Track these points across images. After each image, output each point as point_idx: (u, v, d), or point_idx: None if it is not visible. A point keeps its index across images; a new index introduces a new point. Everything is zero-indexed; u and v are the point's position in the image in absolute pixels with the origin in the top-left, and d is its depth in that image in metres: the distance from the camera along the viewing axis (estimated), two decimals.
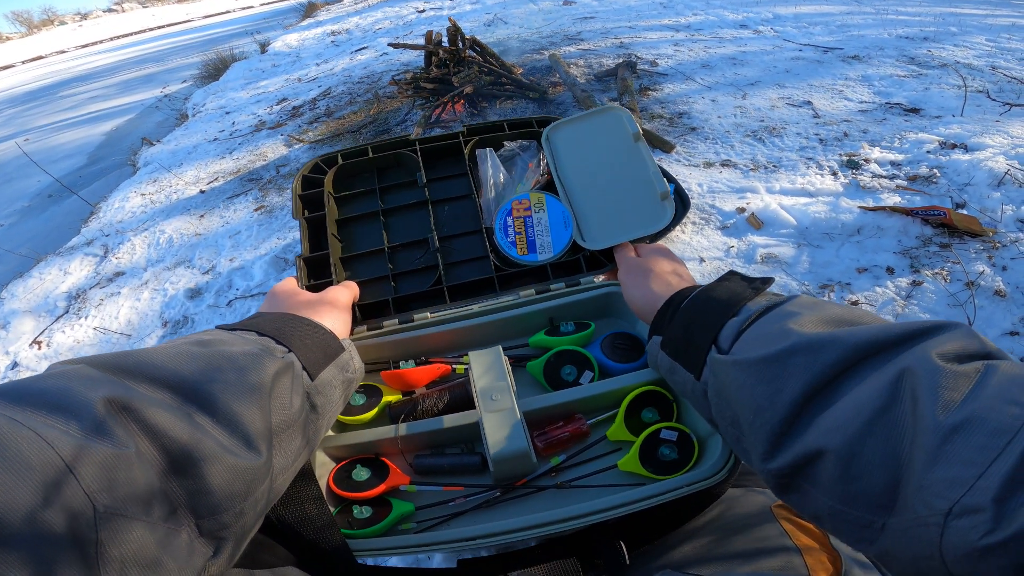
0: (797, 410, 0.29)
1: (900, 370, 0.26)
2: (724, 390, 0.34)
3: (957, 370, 0.25)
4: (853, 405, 0.27)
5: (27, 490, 0.21)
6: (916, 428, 0.24)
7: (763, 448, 0.31)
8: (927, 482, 0.23)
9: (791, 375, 0.30)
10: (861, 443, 0.26)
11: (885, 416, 0.26)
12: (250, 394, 0.33)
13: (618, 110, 0.59)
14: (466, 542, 0.39)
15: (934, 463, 0.23)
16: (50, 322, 1.69)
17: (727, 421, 0.35)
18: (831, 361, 0.29)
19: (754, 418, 0.31)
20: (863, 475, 0.26)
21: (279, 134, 2.63)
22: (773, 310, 0.35)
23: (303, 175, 0.64)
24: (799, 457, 0.29)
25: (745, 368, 0.32)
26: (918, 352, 0.27)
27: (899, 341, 0.28)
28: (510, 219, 0.59)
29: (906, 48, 2.42)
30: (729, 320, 0.36)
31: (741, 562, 0.40)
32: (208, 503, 0.28)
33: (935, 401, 0.24)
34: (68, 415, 0.25)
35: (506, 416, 0.44)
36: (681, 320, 0.40)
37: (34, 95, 6.43)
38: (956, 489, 0.22)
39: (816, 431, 0.28)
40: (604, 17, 3.43)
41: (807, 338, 0.30)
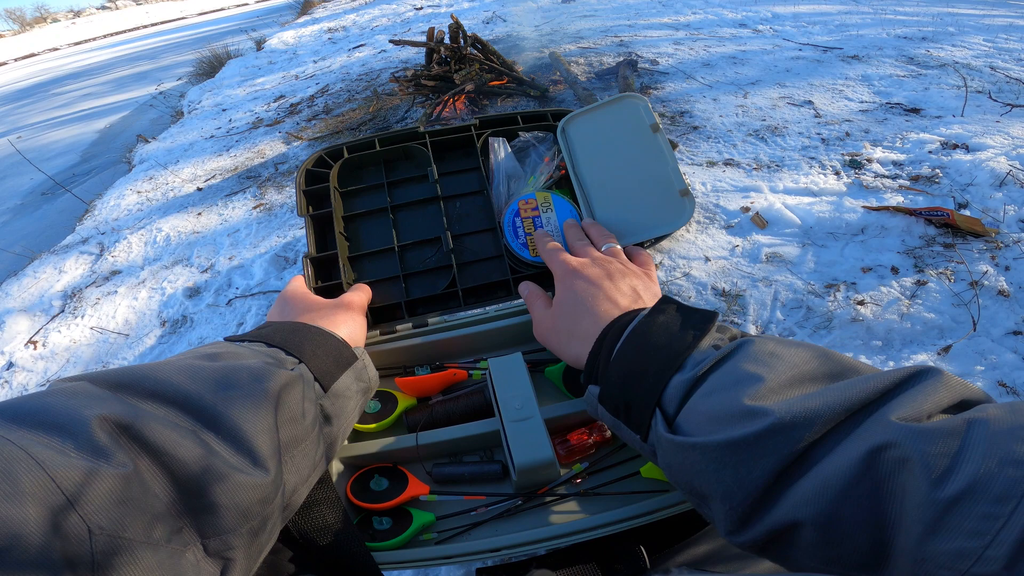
0: (769, 489, 0.27)
1: (875, 444, 0.25)
2: (675, 467, 0.31)
3: (932, 429, 0.24)
4: (827, 476, 0.26)
5: (16, 513, 0.20)
6: (906, 498, 0.23)
7: (729, 525, 0.29)
8: (929, 554, 0.22)
9: (762, 458, 0.27)
10: (838, 512, 0.25)
11: (862, 484, 0.25)
12: (257, 409, 0.32)
13: (635, 98, 0.57)
14: (491, 553, 0.38)
15: (933, 535, 0.22)
16: (45, 321, 1.66)
17: (684, 489, 0.32)
18: (803, 438, 0.27)
19: (719, 500, 0.29)
20: (843, 541, 0.25)
21: (277, 131, 2.60)
22: (723, 365, 0.31)
23: (307, 169, 0.61)
24: (771, 531, 0.27)
25: (705, 452, 0.29)
26: (882, 419, 0.25)
27: (870, 402, 0.27)
28: (519, 220, 0.57)
29: (905, 48, 2.43)
30: (672, 377, 0.32)
31: (750, 560, 0.40)
32: (214, 523, 0.27)
33: (925, 470, 0.23)
34: (63, 434, 0.24)
35: (530, 425, 0.43)
36: (617, 373, 0.35)
37: (26, 92, 6.35)
38: (963, 562, 0.21)
39: (788, 504, 0.27)
40: (603, 15, 3.42)
41: (779, 419, 0.27)
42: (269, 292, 1.54)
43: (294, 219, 1.84)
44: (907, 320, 1.15)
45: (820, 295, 1.24)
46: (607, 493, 0.45)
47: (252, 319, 1.47)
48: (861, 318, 1.16)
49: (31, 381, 1.47)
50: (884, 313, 1.17)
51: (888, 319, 1.16)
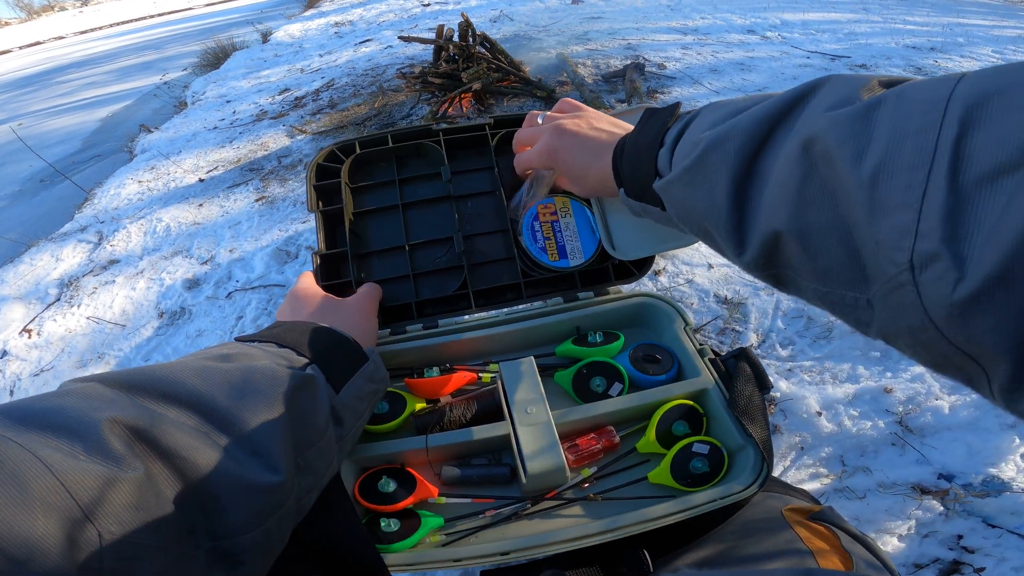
0: (736, 200, 0.30)
1: (803, 137, 0.26)
2: (679, 208, 0.36)
3: (849, 113, 0.24)
4: (779, 181, 0.27)
5: (23, 515, 0.20)
6: (843, 187, 0.23)
7: (732, 244, 0.31)
8: (878, 237, 0.21)
9: (713, 172, 0.31)
10: (803, 215, 0.26)
11: (810, 185, 0.25)
12: (271, 411, 0.31)
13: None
14: (500, 556, 0.38)
15: (873, 215, 0.21)
16: (41, 309, 1.65)
17: (700, 232, 0.36)
18: (738, 146, 0.29)
19: (709, 221, 0.33)
20: (823, 248, 0.25)
21: (281, 124, 2.59)
22: (688, 127, 0.36)
23: (318, 163, 0.60)
24: (762, 242, 0.29)
25: (678, 183, 0.34)
26: (811, 112, 0.26)
27: (793, 105, 0.28)
28: (537, 224, 0.57)
29: (913, 58, 2.43)
30: (659, 152, 0.38)
31: (756, 563, 0.40)
32: (225, 525, 0.27)
33: (845, 155, 0.23)
34: (72, 436, 0.23)
35: (541, 430, 0.42)
36: (627, 170, 0.42)
37: (30, 80, 6.32)
38: (905, 237, 0.20)
39: (763, 214, 0.28)
40: (611, 17, 3.42)
41: (711, 136, 0.31)
42: (270, 286, 1.53)
43: (296, 213, 1.83)
44: None
45: None
46: (615, 498, 0.45)
47: (252, 312, 1.46)
48: None
49: (25, 370, 1.46)
50: None
51: None
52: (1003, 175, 0.17)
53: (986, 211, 0.18)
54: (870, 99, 0.24)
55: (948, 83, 0.21)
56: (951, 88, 0.21)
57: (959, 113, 0.19)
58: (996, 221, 0.17)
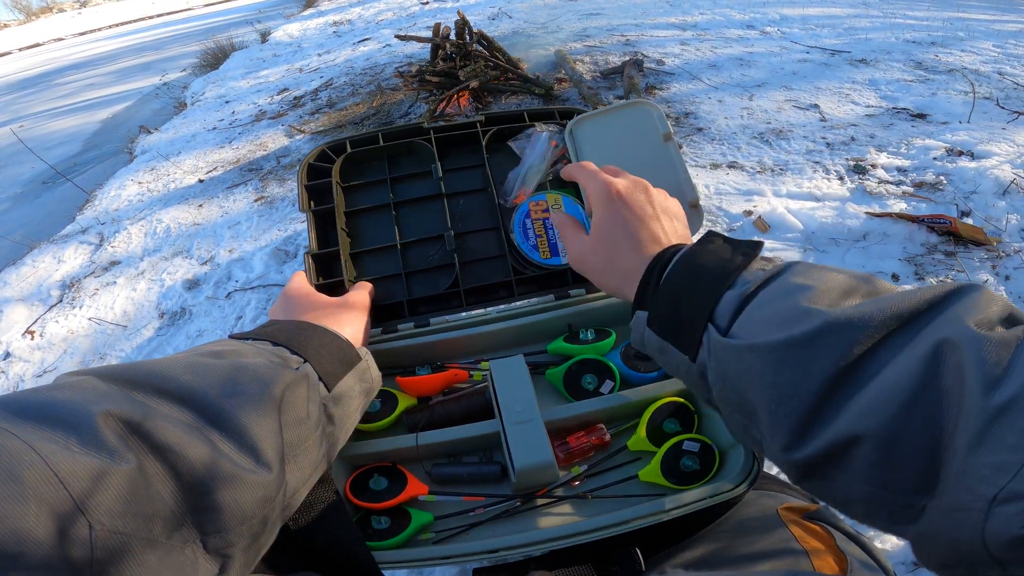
0: (826, 395, 0.27)
1: (937, 342, 0.24)
2: (729, 375, 0.31)
3: (996, 338, 0.23)
4: (889, 383, 0.25)
5: (17, 506, 0.20)
6: (961, 407, 0.23)
7: (786, 439, 0.28)
8: (971, 466, 0.21)
9: (818, 358, 0.27)
10: (902, 425, 0.24)
11: (925, 393, 0.24)
12: (262, 408, 0.32)
13: (648, 105, 0.56)
14: (490, 554, 0.38)
15: (979, 447, 0.21)
16: (43, 311, 1.66)
17: (733, 406, 0.32)
18: (861, 339, 0.26)
19: (776, 408, 0.28)
20: (904, 458, 0.24)
21: (280, 124, 2.60)
22: (775, 280, 0.32)
23: (309, 163, 0.60)
24: (831, 445, 0.26)
25: (762, 354, 0.29)
26: (952, 320, 0.25)
27: (927, 308, 0.26)
28: (529, 221, 0.57)
29: (913, 52, 2.42)
30: (725, 293, 0.33)
31: (749, 563, 0.40)
32: (215, 520, 0.27)
33: (981, 377, 0.22)
34: (67, 428, 0.24)
35: (530, 427, 0.43)
36: (668, 293, 0.35)
37: (30, 82, 6.34)
38: (1002, 476, 0.20)
39: (848, 416, 0.26)
40: (610, 13, 3.41)
41: (835, 316, 0.27)
42: (269, 286, 1.54)
43: (295, 213, 1.83)
44: None
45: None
46: (605, 496, 0.45)
47: (251, 312, 1.47)
48: None
49: (28, 372, 1.47)
50: None
51: None
52: None
53: None
54: (1017, 332, 0.23)
55: None
56: None
57: None
58: None
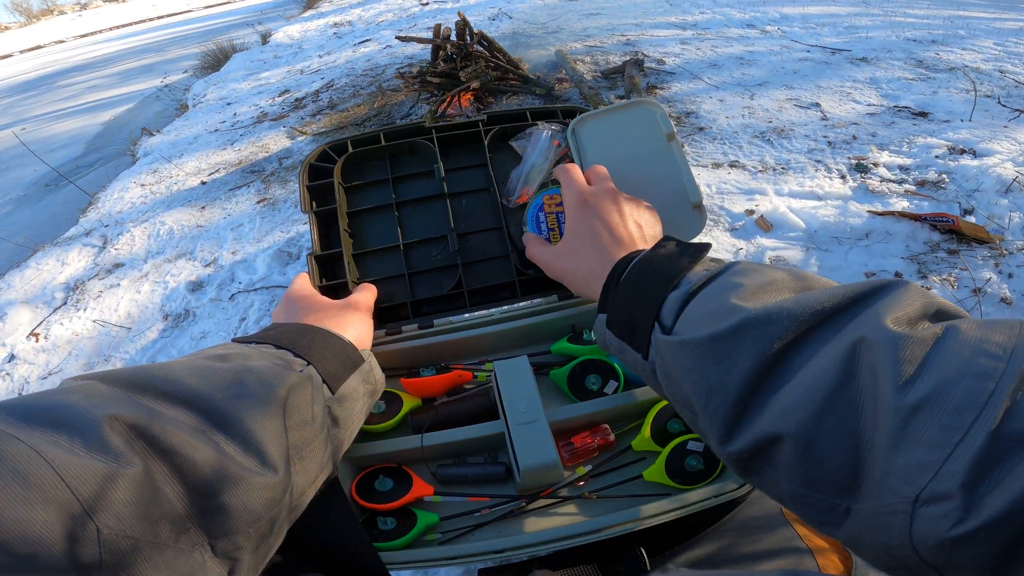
0: (750, 390, 0.28)
1: (854, 341, 0.25)
2: (672, 371, 0.32)
3: (914, 336, 0.23)
4: (808, 382, 0.25)
5: (25, 510, 0.20)
6: (877, 407, 0.23)
7: (719, 431, 0.29)
8: (892, 467, 0.21)
9: (740, 353, 0.28)
10: (819, 424, 0.25)
11: (842, 393, 0.24)
12: (267, 410, 0.32)
13: (651, 105, 0.56)
14: (495, 554, 0.38)
15: (897, 446, 0.21)
16: (48, 313, 1.67)
17: (679, 402, 0.33)
18: (780, 333, 0.27)
19: (707, 401, 0.30)
20: (823, 458, 0.25)
21: (281, 126, 2.60)
22: (714, 281, 0.33)
23: (310, 163, 0.60)
24: (757, 441, 0.27)
25: (691, 349, 0.30)
26: (871, 318, 0.25)
27: (848, 305, 0.27)
28: (542, 215, 0.57)
29: (914, 51, 2.42)
30: (669, 294, 0.34)
31: (753, 562, 0.41)
32: (222, 523, 0.27)
33: (895, 376, 0.22)
34: (72, 433, 0.24)
35: (535, 428, 0.43)
36: (623, 295, 0.37)
37: (31, 84, 6.36)
38: (922, 475, 0.20)
39: (772, 413, 0.27)
40: (610, 13, 3.41)
41: (754, 312, 0.28)
42: (272, 287, 1.54)
43: (297, 214, 1.83)
44: None
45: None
46: (610, 496, 0.45)
47: (254, 314, 1.47)
48: None
49: (33, 374, 1.48)
50: None
51: None
52: None
53: (1018, 467, 0.19)
54: (936, 330, 0.24)
55: (1012, 331, 0.22)
56: (1017, 337, 0.22)
57: (1022, 366, 0.20)
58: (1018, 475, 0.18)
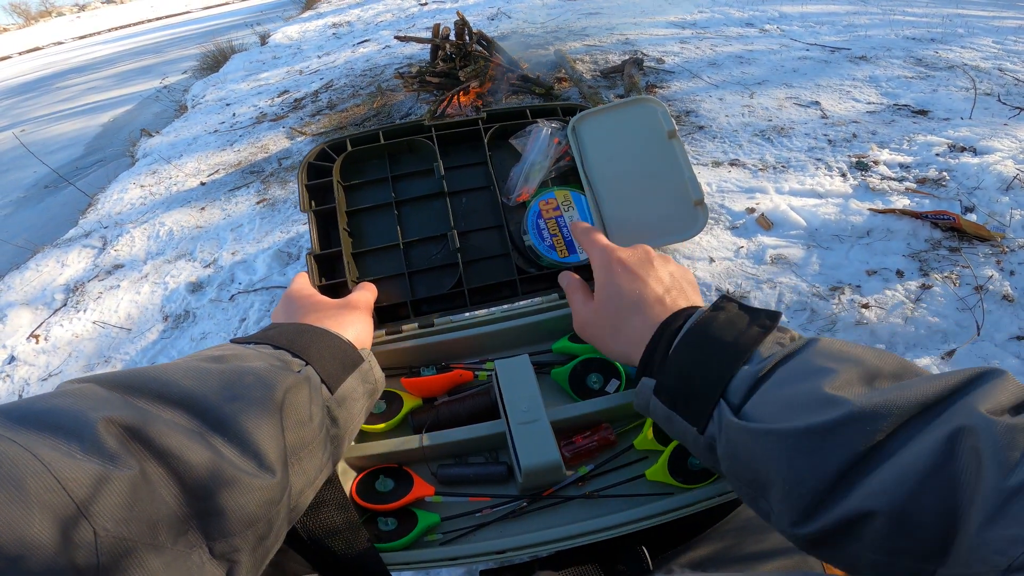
0: (842, 478, 0.27)
1: (954, 429, 0.25)
2: (741, 454, 0.31)
3: (1013, 424, 0.24)
4: (906, 463, 0.26)
5: (21, 513, 0.20)
6: (976, 488, 0.24)
7: (794, 516, 0.29)
8: (986, 540, 0.22)
9: (838, 447, 0.27)
10: (915, 501, 0.25)
11: (941, 473, 0.25)
12: (264, 411, 0.32)
13: (652, 102, 0.56)
14: (497, 555, 0.38)
15: (994, 523, 0.23)
16: (48, 315, 1.67)
17: (743, 482, 0.32)
18: (881, 429, 0.27)
19: (790, 489, 0.29)
20: (916, 531, 0.25)
21: (281, 126, 2.60)
22: (793, 359, 0.31)
23: (309, 162, 0.60)
24: (840, 522, 0.27)
25: (780, 438, 0.29)
26: (968, 408, 0.26)
27: (945, 396, 0.27)
28: (542, 221, 0.56)
29: (913, 49, 2.41)
30: (740, 369, 0.32)
31: (756, 562, 0.40)
32: (220, 525, 0.27)
33: (997, 461, 0.23)
34: (69, 436, 0.24)
35: (536, 427, 0.43)
36: (678, 363, 0.35)
37: (30, 86, 6.36)
38: (1017, 547, 0.21)
39: (861, 494, 0.27)
40: (609, 12, 3.41)
41: (859, 407, 0.27)
42: (272, 288, 1.54)
43: (297, 215, 1.83)
44: (911, 324, 1.15)
45: (824, 298, 1.23)
46: (612, 496, 0.45)
47: (254, 315, 1.47)
48: (865, 321, 1.16)
49: (33, 375, 1.47)
50: (888, 317, 1.17)
51: (892, 323, 1.15)
52: None
53: None
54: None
55: None
56: None
57: None
58: None
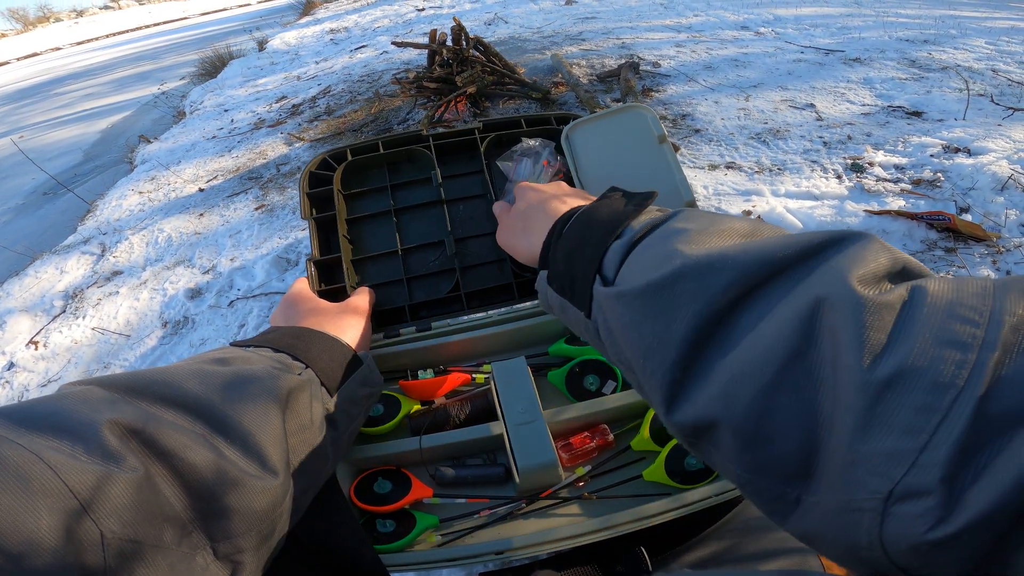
0: (691, 351, 0.24)
1: (813, 300, 0.21)
2: (613, 330, 0.29)
3: (880, 300, 0.20)
4: (759, 349, 0.22)
5: (29, 516, 0.20)
6: (838, 381, 0.20)
7: (660, 397, 0.26)
8: (860, 455, 0.18)
9: (679, 308, 0.24)
10: (769, 399, 0.21)
11: (799, 363, 0.21)
12: (266, 414, 0.32)
13: (642, 109, 0.57)
14: (495, 555, 0.39)
15: (866, 430, 0.18)
16: (47, 322, 1.67)
17: (623, 365, 0.30)
18: (724, 285, 0.23)
19: (644, 362, 0.26)
20: (773, 438, 0.21)
21: (279, 132, 2.61)
22: (659, 228, 0.30)
23: (310, 171, 0.61)
24: (698, 419, 0.24)
25: (629, 301, 0.27)
26: (831, 273, 0.21)
27: (803, 256, 0.23)
28: None
29: (907, 51, 2.43)
30: (612, 243, 0.31)
31: (756, 562, 0.40)
32: (223, 526, 0.28)
33: (860, 346, 0.19)
34: (74, 438, 0.24)
35: (533, 429, 0.43)
36: (564, 248, 0.35)
37: (28, 92, 6.37)
38: (895, 466, 0.17)
39: (716, 382, 0.23)
40: (605, 17, 3.43)
41: (694, 259, 0.25)
42: (271, 294, 1.54)
43: (296, 221, 1.84)
44: None
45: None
46: (610, 496, 0.46)
47: (254, 321, 1.47)
48: None
49: (32, 381, 1.47)
50: None
51: None
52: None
53: (1004, 452, 0.16)
54: (902, 291, 0.20)
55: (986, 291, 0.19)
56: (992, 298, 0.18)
57: (1003, 329, 0.17)
58: (1005, 462, 0.15)
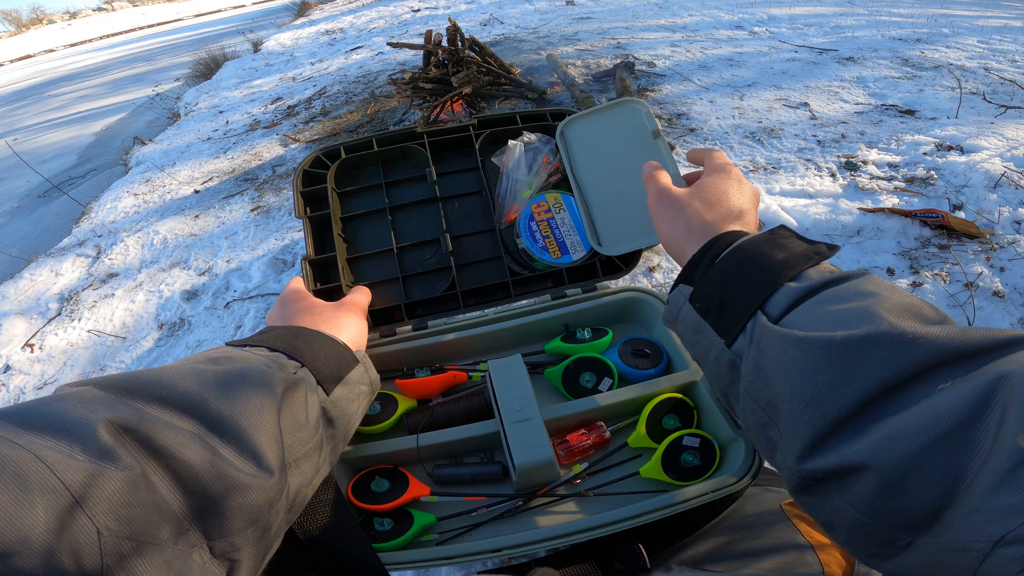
0: (859, 409, 0.25)
1: (997, 377, 0.23)
2: (766, 367, 0.29)
3: None
4: (929, 413, 0.23)
5: (26, 514, 0.21)
6: (993, 448, 0.21)
7: (802, 445, 0.27)
8: (985, 507, 0.20)
9: (867, 368, 0.25)
10: (924, 458, 0.23)
11: (964, 431, 0.22)
12: (261, 413, 0.32)
13: (636, 103, 0.57)
14: (493, 553, 0.39)
15: (999, 488, 0.20)
16: (42, 324, 1.66)
17: (758, 402, 0.30)
18: (918, 361, 0.24)
19: (804, 409, 0.27)
20: (910, 491, 0.23)
21: (274, 133, 2.60)
22: (845, 283, 0.30)
23: (304, 170, 0.61)
24: (842, 465, 0.25)
25: (809, 348, 0.27)
26: (1014, 359, 0.23)
27: (995, 348, 0.24)
28: (534, 224, 0.57)
29: (899, 50, 2.45)
30: (786, 284, 0.31)
31: (754, 559, 0.40)
32: (220, 525, 0.28)
33: (1020, 420, 0.21)
34: (70, 438, 0.24)
35: (530, 426, 0.43)
36: (721, 272, 0.34)
37: (22, 94, 6.34)
38: (1015, 517, 0.19)
39: (868, 440, 0.24)
40: (600, 17, 3.44)
41: (898, 330, 0.25)
42: (267, 295, 1.54)
43: (292, 222, 1.83)
44: None
45: None
46: (607, 493, 0.46)
47: (250, 322, 1.47)
48: None
49: (28, 384, 1.47)
50: None
51: None
52: None
53: None
54: None
55: None
56: None
57: None
58: None
